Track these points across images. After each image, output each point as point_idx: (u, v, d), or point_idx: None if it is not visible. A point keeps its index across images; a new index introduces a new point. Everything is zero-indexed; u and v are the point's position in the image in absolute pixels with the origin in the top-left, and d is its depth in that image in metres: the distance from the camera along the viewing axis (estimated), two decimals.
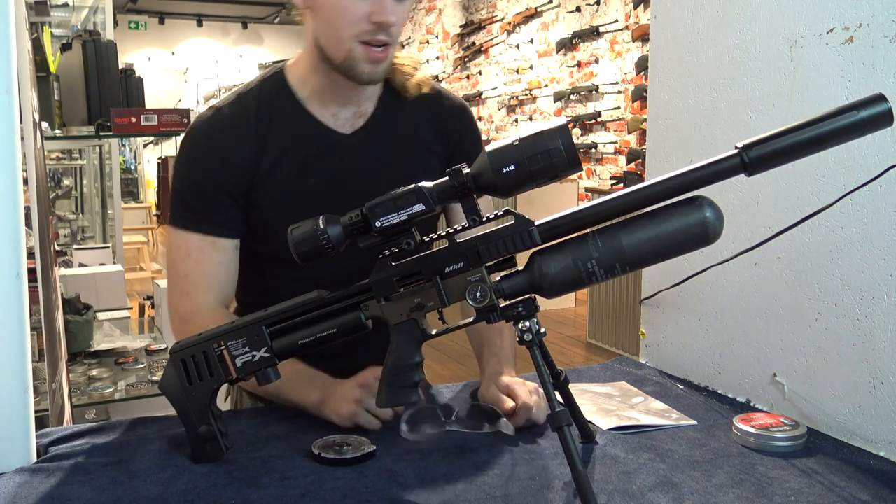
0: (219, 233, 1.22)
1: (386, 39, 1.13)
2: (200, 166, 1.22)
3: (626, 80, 7.23)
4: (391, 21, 1.12)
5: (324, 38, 1.17)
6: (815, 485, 0.98)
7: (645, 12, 6.82)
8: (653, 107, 1.49)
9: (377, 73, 1.17)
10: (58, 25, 5.01)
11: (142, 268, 6.92)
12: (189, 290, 1.21)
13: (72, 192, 5.31)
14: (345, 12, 1.12)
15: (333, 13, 1.13)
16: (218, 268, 1.22)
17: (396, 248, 0.93)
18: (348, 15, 1.12)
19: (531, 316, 0.90)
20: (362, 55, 1.14)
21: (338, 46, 1.15)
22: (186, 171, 1.23)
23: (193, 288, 1.21)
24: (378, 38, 1.13)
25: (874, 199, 1.08)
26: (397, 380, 0.95)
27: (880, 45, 1.07)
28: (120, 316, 3.09)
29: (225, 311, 1.24)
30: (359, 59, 1.14)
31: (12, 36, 0.98)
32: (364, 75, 1.16)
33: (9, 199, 0.98)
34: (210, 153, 1.21)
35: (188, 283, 1.21)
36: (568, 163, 0.84)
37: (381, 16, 1.11)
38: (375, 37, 1.12)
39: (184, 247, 1.22)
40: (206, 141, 1.22)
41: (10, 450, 1.01)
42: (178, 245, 1.23)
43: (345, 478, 0.98)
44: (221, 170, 1.20)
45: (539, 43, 8.54)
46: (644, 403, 1.27)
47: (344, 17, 1.12)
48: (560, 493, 0.94)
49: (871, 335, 1.09)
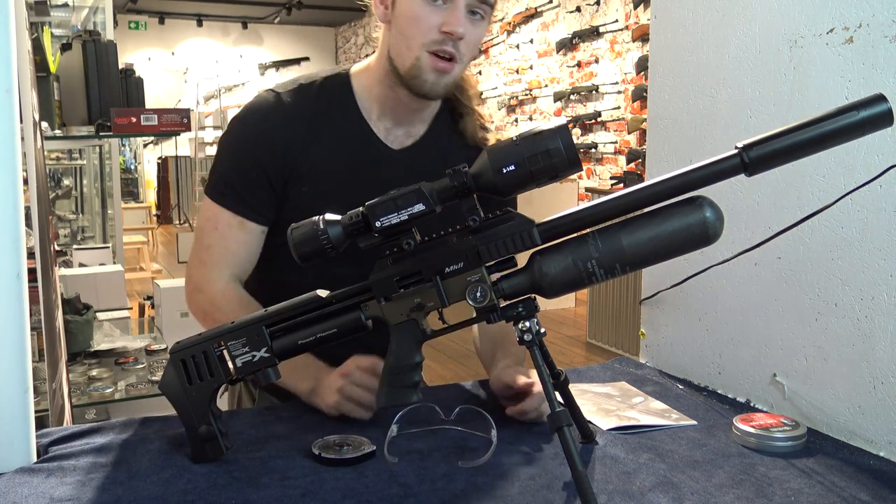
0: (250, 216, 1.25)
1: (453, 52, 1.17)
2: (248, 147, 1.25)
3: (626, 80, 7.23)
4: (460, 32, 1.15)
5: (395, 48, 1.20)
6: (815, 485, 0.98)
7: (645, 12, 6.82)
8: (653, 107, 1.49)
9: (440, 84, 1.19)
10: (58, 25, 5.01)
11: (142, 268, 6.92)
12: (207, 260, 1.27)
13: (72, 192, 5.30)
14: (418, 21, 1.16)
15: (407, 22, 1.17)
16: (241, 246, 1.27)
17: (397, 249, 0.93)
18: (421, 23, 1.16)
19: (531, 316, 0.90)
20: (428, 64, 1.17)
21: (407, 54, 1.18)
22: (233, 147, 1.27)
23: (212, 259, 1.26)
24: (445, 49, 1.16)
25: (874, 199, 1.08)
26: (397, 380, 0.95)
27: (880, 45, 1.07)
28: (120, 316, 3.09)
29: (236, 284, 1.28)
30: (425, 67, 1.17)
31: (12, 36, 0.98)
32: (427, 84, 1.19)
33: (9, 199, 0.98)
34: (260, 136, 1.24)
35: (208, 253, 1.26)
36: (568, 163, 0.84)
37: (451, 26, 1.15)
38: (443, 47, 1.16)
39: (213, 219, 1.26)
40: (260, 124, 1.25)
41: (11, 450, 1.00)
42: (208, 216, 1.27)
43: (345, 478, 0.98)
44: (268, 156, 1.24)
45: (539, 43, 8.54)
46: (644, 403, 1.27)
47: (417, 25, 1.16)
48: (560, 493, 0.94)
49: (871, 335, 1.09)
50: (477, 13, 1.18)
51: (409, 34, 1.18)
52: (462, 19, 1.15)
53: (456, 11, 1.15)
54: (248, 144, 1.25)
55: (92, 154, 5.12)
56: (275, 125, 1.24)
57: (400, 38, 1.19)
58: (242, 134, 1.27)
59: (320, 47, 14.28)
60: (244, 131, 1.27)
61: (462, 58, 1.19)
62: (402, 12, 1.19)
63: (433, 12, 1.16)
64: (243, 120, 1.27)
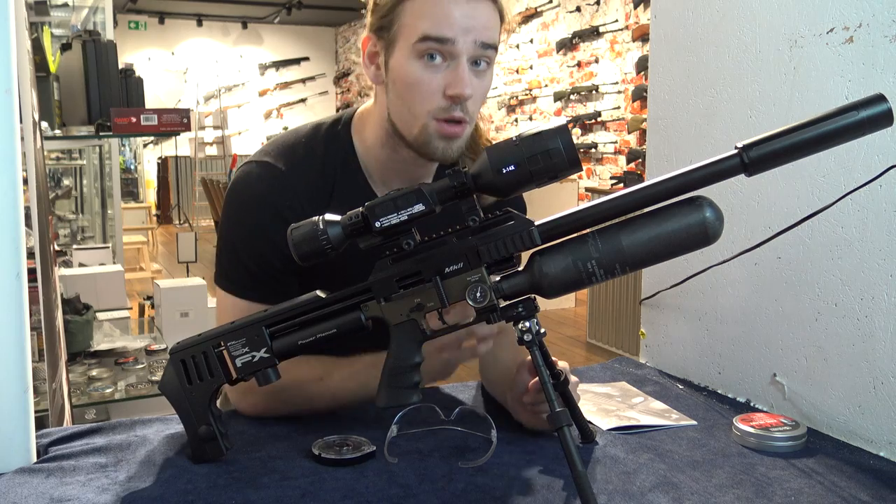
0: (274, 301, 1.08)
1: (461, 116, 1.07)
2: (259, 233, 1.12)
3: (627, 80, 7.23)
4: (467, 94, 1.05)
5: (396, 114, 1.10)
6: (815, 485, 0.98)
7: (645, 12, 6.82)
8: (653, 107, 1.49)
9: (451, 149, 1.09)
10: (58, 25, 5.01)
11: (142, 268, 6.91)
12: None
13: (72, 192, 5.30)
14: (419, 87, 1.06)
15: (408, 88, 1.07)
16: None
17: (396, 249, 0.93)
18: (423, 89, 1.06)
19: (531, 316, 0.90)
20: (436, 131, 1.07)
21: (412, 122, 1.08)
22: (242, 235, 1.14)
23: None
24: (454, 115, 1.06)
25: (874, 199, 1.08)
26: (397, 380, 0.95)
27: (880, 45, 1.07)
28: (120, 316, 3.09)
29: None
30: (433, 135, 1.08)
31: (12, 36, 0.98)
32: (438, 152, 1.09)
33: (9, 199, 0.98)
34: (271, 221, 1.12)
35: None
36: (568, 163, 0.84)
37: (456, 88, 1.04)
38: (451, 113, 1.06)
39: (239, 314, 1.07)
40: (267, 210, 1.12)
41: (11, 450, 1.00)
42: (232, 313, 1.12)
43: (345, 478, 0.98)
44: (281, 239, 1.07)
45: (539, 43, 8.55)
46: (644, 403, 1.27)
47: (418, 91, 1.06)
48: (560, 493, 0.94)
49: (871, 335, 1.09)
50: (481, 62, 1.08)
51: (411, 101, 1.07)
52: (467, 79, 1.05)
53: (459, 71, 1.04)
54: (265, 228, 1.12)
55: (92, 154, 5.12)
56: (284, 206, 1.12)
57: (401, 105, 1.09)
58: (249, 220, 1.14)
59: (320, 47, 14.28)
60: (250, 218, 1.14)
61: (471, 117, 1.09)
62: (398, 76, 1.07)
63: (434, 75, 1.05)
64: (243, 207, 1.14)
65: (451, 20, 1.03)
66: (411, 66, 1.06)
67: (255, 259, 1.14)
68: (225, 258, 1.17)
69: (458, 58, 1.05)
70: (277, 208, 1.12)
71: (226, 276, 1.17)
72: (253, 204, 1.14)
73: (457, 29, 1.03)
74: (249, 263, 1.14)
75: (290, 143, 1.18)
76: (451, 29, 1.03)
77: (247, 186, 1.15)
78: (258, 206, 1.13)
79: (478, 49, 1.05)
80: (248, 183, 1.15)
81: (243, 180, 1.16)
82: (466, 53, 1.05)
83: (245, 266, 1.15)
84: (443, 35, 1.03)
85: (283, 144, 1.18)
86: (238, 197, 1.16)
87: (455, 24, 1.03)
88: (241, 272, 1.15)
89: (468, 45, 1.04)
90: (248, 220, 1.14)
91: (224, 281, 1.17)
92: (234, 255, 1.15)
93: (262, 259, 1.13)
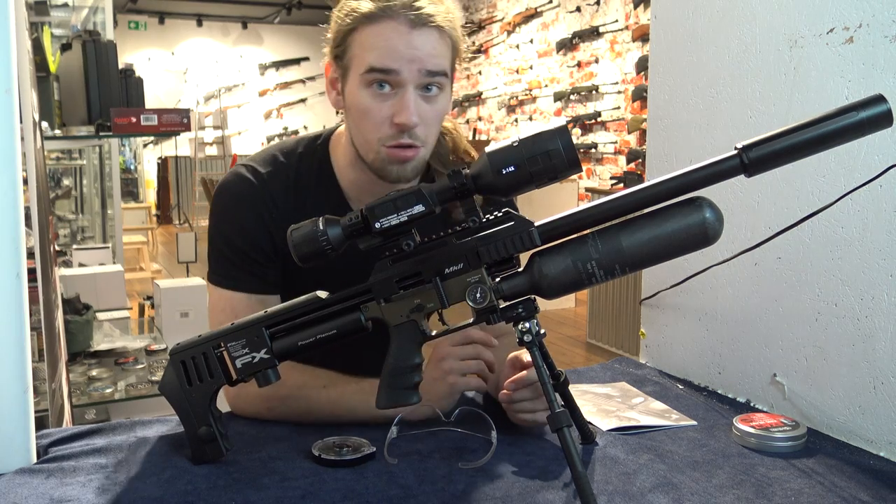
0: (267, 290, 1.21)
1: (410, 142, 1.09)
2: (246, 226, 1.19)
3: (627, 80, 7.23)
4: (412, 122, 1.07)
5: (355, 139, 1.15)
6: (816, 485, 0.98)
7: (645, 12, 6.82)
8: (653, 107, 1.49)
9: (405, 171, 1.13)
10: (58, 25, 5.01)
11: (141, 268, 6.92)
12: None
13: (71, 192, 5.31)
14: (368, 115, 1.09)
15: (359, 115, 1.11)
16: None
17: (396, 250, 0.93)
18: (372, 117, 1.09)
19: (531, 317, 0.90)
20: (388, 156, 1.11)
21: (367, 148, 1.13)
22: (228, 231, 1.21)
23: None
24: (401, 142, 1.09)
25: (874, 199, 1.08)
26: (397, 381, 0.95)
27: (880, 45, 1.06)
28: (119, 316, 3.09)
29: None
30: (385, 160, 1.11)
31: (12, 36, 0.98)
32: (392, 174, 1.13)
33: (9, 199, 0.98)
34: (255, 218, 1.19)
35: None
36: (568, 164, 0.84)
37: (401, 117, 1.07)
38: (399, 140, 1.09)
39: (229, 308, 1.19)
40: (249, 209, 1.19)
41: (11, 450, 1.00)
42: (222, 306, 1.20)
43: (345, 479, 0.98)
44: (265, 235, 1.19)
45: (539, 43, 8.55)
46: (644, 404, 1.27)
47: (368, 119, 1.10)
48: (560, 494, 0.94)
49: (872, 335, 1.09)
50: (432, 88, 1.10)
51: (363, 128, 1.11)
52: (412, 108, 1.07)
53: (405, 100, 1.07)
54: (246, 224, 1.19)
55: (92, 154, 5.12)
56: (263, 206, 1.19)
57: (356, 131, 1.14)
58: (234, 217, 1.20)
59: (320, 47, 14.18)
60: (234, 214, 1.20)
61: (424, 141, 1.11)
62: (352, 104, 1.12)
63: (382, 104, 1.08)
64: (227, 206, 1.21)
65: (396, 52, 1.06)
66: (361, 95, 1.10)
67: (238, 253, 1.20)
68: (212, 254, 1.23)
69: (405, 87, 1.07)
70: (258, 208, 1.19)
71: (214, 271, 1.22)
72: (235, 202, 1.21)
73: (401, 60, 1.06)
74: (233, 257, 1.20)
75: (272, 153, 1.25)
76: (395, 61, 1.06)
77: (231, 186, 1.22)
78: (239, 204, 1.20)
79: (424, 77, 1.08)
80: (233, 183, 1.22)
81: (228, 182, 1.23)
82: (413, 82, 1.07)
83: (229, 259, 1.20)
84: (387, 66, 1.07)
85: (267, 152, 1.26)
86: (222, 198, 1.23)
87: (399, 55, 1.06)
88: (227, 265, 1.21)
89: (413, 74, 1.07)
90: (231, 217, 1.21)
91: (213, 275, 1.22)
92: (219, 249, 1.21)
93: (244, 253, 1.19)
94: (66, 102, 3.05)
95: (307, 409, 1.15)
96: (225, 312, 1.18)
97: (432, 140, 1.14)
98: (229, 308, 1.19)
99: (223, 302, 1.20)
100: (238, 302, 1.19)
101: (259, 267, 1.20)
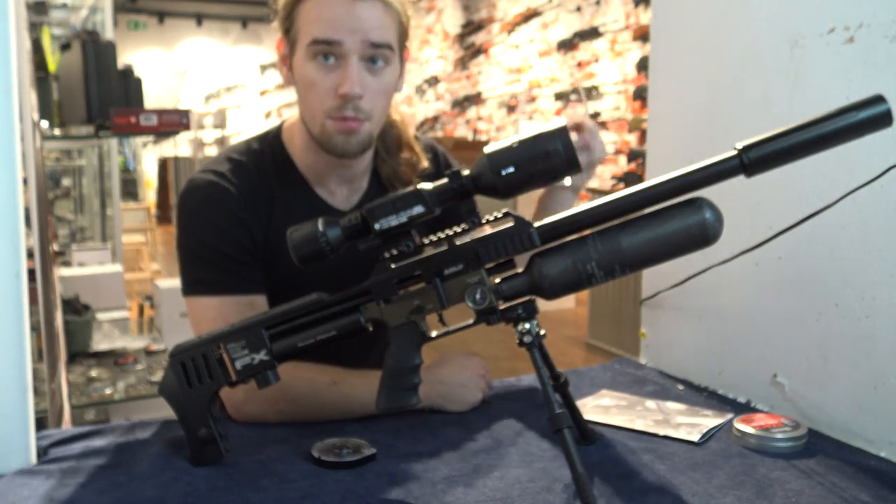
0: (255, 290, 1.18)
1: (353, 115, 1.11)
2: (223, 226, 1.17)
3: (627, 80, 7.23)
4: (356, 93, 1.09)
5: (304, 114, 1.16)
6: (816, 486, 0.98)
7: (645, 12, 6.82)
8: (653, 107, 1.49)
9: (350, 144, 1.14)
10: (57, 25, 5.00)
11: (141, 268, 6.91)
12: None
13: (71, 192, 5.30)
14: (314, 87, 1.11)
15: (305, 88, 1.13)
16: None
17: (396, 251, 0.93)
18: (318, 89, 1.11)
19: (531, 318, 0.90)
20: (333, 128, 1.12)
21: (313, 121, 1.14)
22: (204, 232, 1.17)
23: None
24: (345, 114, 1.10)
25: (875, 199, 1.08)
26: (397, 382, 0.95)
27: (881, 45, 1.06)
28: (119, 316, 3.09)
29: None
30: (331, 132, 1.13)
31: (12, 36, 0.98)
32: (338, 147, 1.14)
33: (8, 199, 0.98)
34: (228, 216, 1.17)
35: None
36: (567, 164, 0.84)
37: (344, 87, 1.08)
38: (343, 112, 1.10)
39: (218, 315, 1.14)
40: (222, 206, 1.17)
41: (10, 451, 1.00)
42: (209, 315, 1.15)
43: (344, 480, 0.97)
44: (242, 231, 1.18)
45: (539, 43, 8.54)
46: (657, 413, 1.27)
47: (314, 91, 1.11)
48: (560, 495, 0.94)
49: (872, 335, 1.09)
50: (378, 60, 1.11)
51: (309, 100, 1.13)
52: (355, 78, 1.08)
53: (348, 70, 1.08)
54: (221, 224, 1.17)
55: (91, 154, 5.12)
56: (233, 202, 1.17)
57: (304, 105, 1.15)
58: (207, 219, 1.17)
59: None
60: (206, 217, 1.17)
61: (369, 115, 1.13)
62: (299, 77, 1.13)
63: (326, 75, 1.09)
64: (196, 210, 1.18)
65: (337, 22, 1.08)
66: (307, 67, 1.11)
67: (218, 255, 1.17)
68: (187, 265, 1.19)
69: (347, 58, 1.09)
70: (228, 205, 1.17)
71: (194, 281, 1.18)
72: (204, 205, 1.18)
73: (344, 30, 1.08)
74: (214, 260, 1.17)
75: (226, 155, 1.23)
76: (336, 31, 1.08)
77: (195, 191, 1.19)
78: (208, 206, 1.17)
79: (368, 48, 1.09)
80: (196, 188, 1.19)
81: (190, 189, 1.20)
82: (356, 53, 1.09)
83: (210, 263, 1.17)
84: (329, 37, 1.08)
85: (219, 157, 1.24)
86: (189, 205, 1.19)
87: (342, 25, 1.08)
88: (208, 270, 1.17)
89: (356, 45, 1.08)
90: (203, 221, 1.18)
91: (193, 286, 1.18)
92: (196, 257, 1.18)
93: (224, 254, 1.16)
94: (65, 102, 3.05)
95: (319, 408, 1.14)
96: (216, 321, 1.11)
97: (378, 115, 1.15)
98: (220, 316, 1.13)
99: (210, 311, 1.15)
100: (227, 306, 1.15)
101: (243, 266, 1.18)
